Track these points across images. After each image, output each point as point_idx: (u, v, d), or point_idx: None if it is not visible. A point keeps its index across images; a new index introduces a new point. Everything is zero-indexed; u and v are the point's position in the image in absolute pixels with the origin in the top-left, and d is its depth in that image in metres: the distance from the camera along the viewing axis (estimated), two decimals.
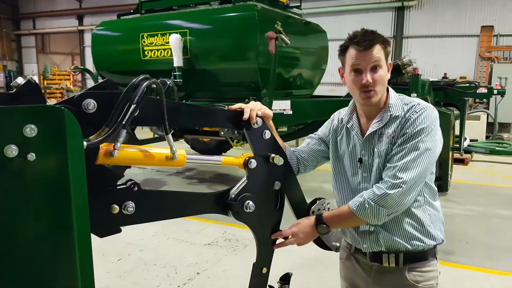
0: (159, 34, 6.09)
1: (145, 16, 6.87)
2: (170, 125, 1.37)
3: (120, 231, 1.33)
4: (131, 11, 7.17)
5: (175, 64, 5.78)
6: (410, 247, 1.71)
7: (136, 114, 1.24)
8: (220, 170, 7.94)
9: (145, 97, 1.24)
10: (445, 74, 9.41)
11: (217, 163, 1.57)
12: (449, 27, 14.02)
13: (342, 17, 14.76)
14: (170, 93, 5.79)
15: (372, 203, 1.59)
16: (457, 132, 7.16)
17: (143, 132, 8.04)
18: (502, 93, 7.64)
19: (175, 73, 5.84)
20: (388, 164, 1.64)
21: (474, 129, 10.97)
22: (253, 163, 1.59)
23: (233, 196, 1.57)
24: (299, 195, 1.80)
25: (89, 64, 17.47)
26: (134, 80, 1.23)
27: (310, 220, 1.74)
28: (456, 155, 7.78)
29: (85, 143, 1.14)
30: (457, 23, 13.91)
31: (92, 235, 1.27)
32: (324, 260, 3.77)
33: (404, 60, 5.54)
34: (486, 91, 6.84)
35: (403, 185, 1.56)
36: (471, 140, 9.96)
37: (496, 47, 13.51)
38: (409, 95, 4.78)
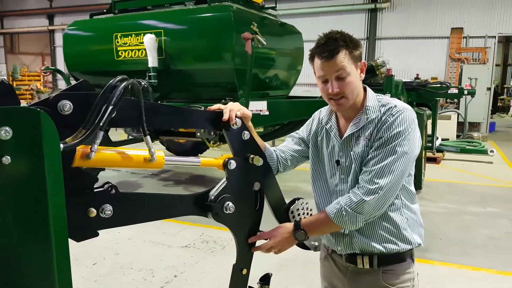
0: (133, 34, 6.00)
1: (119, 16, 6.76)
2: (148, 126, 1.35)
3: (97, 235, 1.31)
4: (104, 10, 7.05)
5: (150, 65, 5.71)
6: (384, 250, 1.70)
7: (113, 115, 1.22)
8: (196, 171, 7.89)
9: (122, 98, 1.22)
10: (417, 74, 9.63)
11: (196, 165, 1.56)
12: (421, 29, 14.38)
13: (317, 19, 14.93)
14: (145, 94, 5.73)
15: (349, 210, 1.58)
16: (429, 131, 7.34)
17: (116, 134, 7.90)
18: (472, 93, 7.87)
19: (150, 74, 5.77)
20: (364, 168, 1.62)
21: (445, 129, 11.25)
22: (233, 164, 1.58)
23: (212, 197, 1.56)
24: (278, 196, 1.80)
25: (60, 65, 17.06)
26: (111, 81, 1.21)
27: (289, 226, 1.73)
28: (429, 154, 7.98)
29: (61, 145, 1.11)
30: (428, 25, 14.28)
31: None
32: (303, 260, 3.80)
33: (377, 61, 5.63)
34: (456, 91, 7.05)
35: (379, 191, 1.55)
36: (442, 139, 10.22)
37: (466, 49, 13.92)
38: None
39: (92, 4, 17.44)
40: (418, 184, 5.00)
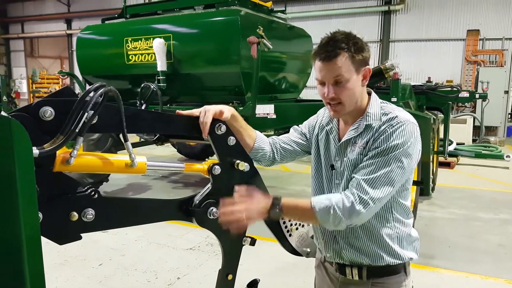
0: (143, 39, 6.07)
1: (130, 21, 6.86)
2: (130, 131, 1.37)
3: (80, 238, 1.32)
4: (116, 15, 7.16)
5: (159, 69, 5.77)
6: (372, 264, 1.66)
7: (95, 121, 1.25)
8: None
9: (102, 104, 1.24)
10: (429, 78, 9.48)
11: (180, 170, 1.58)
12: (435, 31, 14.18)
13: (329, 21, 14.84)
14: (154, 98, 5.80)
15: (338, 212, 1.50)
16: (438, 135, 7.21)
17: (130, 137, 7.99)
18: (483, 97, 7.74)
19: (158, 78, 5.83)
20: (356, 176, 1.55)
21: (461, 133, 11.08)
22: (217, 170, 1.59)
23: (197, 202, 1.58)
24: None
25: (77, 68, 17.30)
26: (89, 88, 1.24)
27: (267, 198, 1.56)
28: (441, 159, 7.85)
29: (37, 151, 1.14)
30: (443, 27, 14.08)
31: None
32: (305, 264, 3.77)
33: (386, 64, 5.56)
34: (467, 95, 6.92)
35: (371, 202, 1.49)
36: (457, 144, 10.05)
37: (482, 51, 13.68)
38: (389, 99, 4.84)
39: (107, 9, 17.71)
40: (426, 190, 4.93)
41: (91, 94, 1.21)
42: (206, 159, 1.68)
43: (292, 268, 3.94)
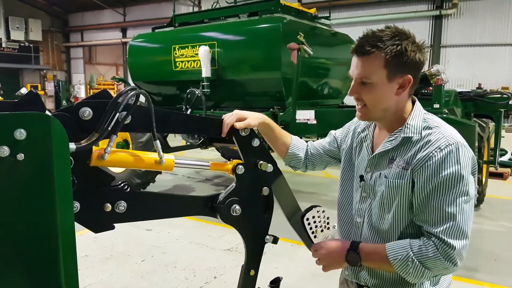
0: (190, 46, 6.32)
1: (177, 29, 7.15)
2: (160, 132, 1.49)
3: (113, 227, 1.44)
4: (165, 24, 7.49)
5: (204, 75, 5.97)
6: None
7: (128, 121, 1.37)
8: None
9: (134, 106, 1.36)
10: (479, 84, 9.03)
11: (206, 168, 1.68)
12: (490, 35, 13.55)
13: (377, 27, 14.41)
14: (199, 103, 6.01)
15: (417, 262, 1.34)
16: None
17: (176, 140, 8.29)
18: None
19: (203, 83, 6.03)
20: (430, 229, 1.37)
21: None
22: (241, 169, 1.67)
23: (221, 199, 1.67)
24: (290, 202, 1.84)
25: None
26: (121, 90, 1.36)
27: (343, 243, 1.54)
28: (492, 169, 7.47)
29: (74, 146, 1.28)
30: (498, 32, 13.42)
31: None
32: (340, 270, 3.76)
33: (431, 70, 5.43)
34: None
35: (454, 254, 1.34)
36: None
37: None
38: (432, 106, 4.72)
39: (160, 18, 18.40)
40: None
41: (122, 96, 1.33)
42: (231, 159, 1.77)
43: (331, 273, 3.94)
